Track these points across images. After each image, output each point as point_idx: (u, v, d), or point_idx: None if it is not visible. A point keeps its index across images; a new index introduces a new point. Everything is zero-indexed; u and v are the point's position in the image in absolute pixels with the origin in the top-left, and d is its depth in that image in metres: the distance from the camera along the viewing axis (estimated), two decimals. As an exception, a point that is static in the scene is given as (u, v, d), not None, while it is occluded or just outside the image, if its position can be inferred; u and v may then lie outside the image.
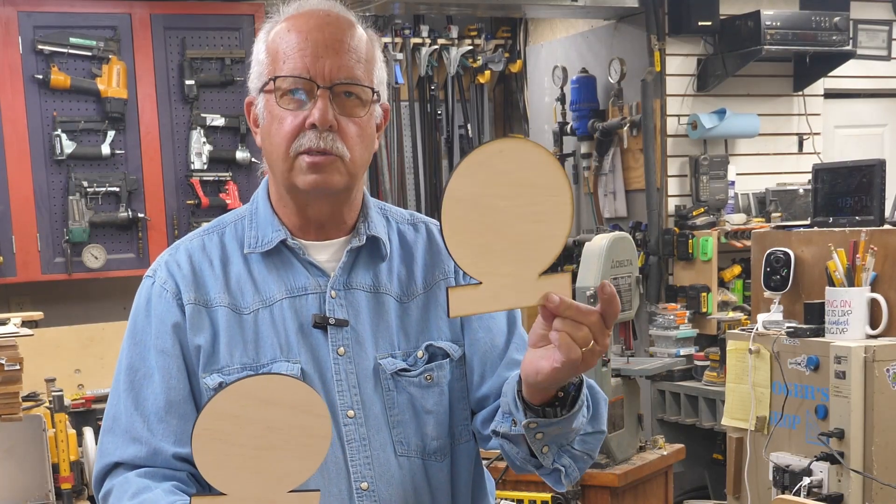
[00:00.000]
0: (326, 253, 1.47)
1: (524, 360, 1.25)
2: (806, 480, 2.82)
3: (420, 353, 1.46)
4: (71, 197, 4.41)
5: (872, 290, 2.90)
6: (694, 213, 4.96)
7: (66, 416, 2.93)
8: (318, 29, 1.38)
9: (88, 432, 3.12)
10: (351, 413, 1.41)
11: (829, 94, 5.44)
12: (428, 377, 1.45)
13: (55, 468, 2.86)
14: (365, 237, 1.47)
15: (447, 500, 1.49)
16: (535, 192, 1.09)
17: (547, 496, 3.01)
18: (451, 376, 1.48)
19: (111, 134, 4.48)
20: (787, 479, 2.90)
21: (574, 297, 1.16)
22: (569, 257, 5.26)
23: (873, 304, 2.89)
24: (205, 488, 1.41)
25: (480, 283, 1.11)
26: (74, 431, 2.97)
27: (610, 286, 1.17)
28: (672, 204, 5.11)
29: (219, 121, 4.61)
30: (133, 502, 1.34)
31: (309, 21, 1.39)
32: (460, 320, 1.49)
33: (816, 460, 2.82)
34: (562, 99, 5.58)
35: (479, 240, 1.08)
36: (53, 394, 2.96)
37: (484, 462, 1.58)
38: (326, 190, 1.40)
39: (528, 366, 1.24)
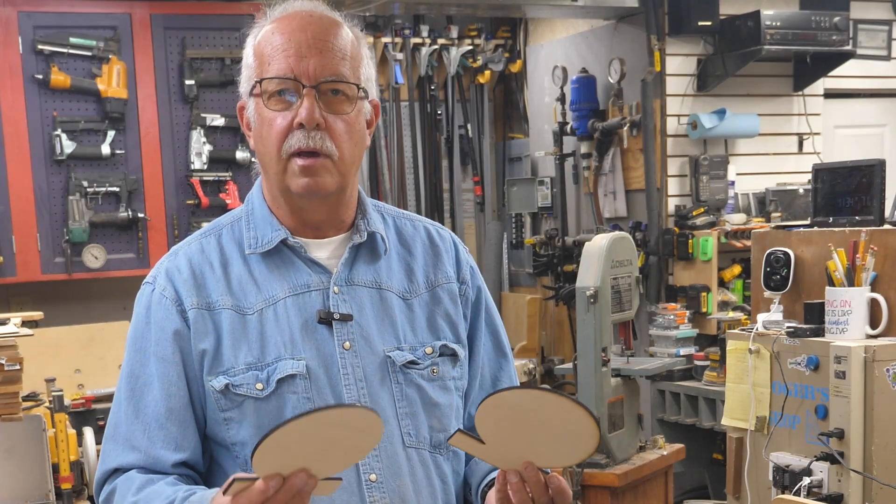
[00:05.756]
0: (326, 250, 1.48)
1: (489, 495, 1.42)
2: (806, 480, 2.82)
3: (429, 350, 1.48)
4: (71, 197, 4.41)
5: (872, 290, 2.90)
6: (694, 213, 4.96)
7: (66, 416, 2.93)
8: (300, 29, 1.40)
9: (88, 432, 3.12)
10: None
11: (829, 94, 5.44)
12: (434, 370, 1.48)
13: (55, 468, 2.86)
14: (366, 234, 1.48)
15: (453, 493, 1.52)
16: (569, 437, 1.26)
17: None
18: (455, 374, 1.52)
19: (111, 134, 4.48)
20: (787, 479, 2.90)
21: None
22: (569, 257, 5.28)
23: (873, 304, 2.89)
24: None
25: (484, 443, 1.27)
26: (74, 431, 2.97)
27: (557, 479, 1.32)
28: (672, 204, 5.11)
29: (219, 121, 4.61)
30: (139, 496, 1.36)
31: (292, 22, 1.41)
32: (465, 326, 1.56)
33: (816, 460, 2.82)
34: (562, 99, 5.58)
35: (501, 424, 1.25)
36: (53, 394, 2.96)
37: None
38: (319, 193, 1.41)
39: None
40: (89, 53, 4.42)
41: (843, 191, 3.13)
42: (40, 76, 4.35)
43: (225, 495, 1.19)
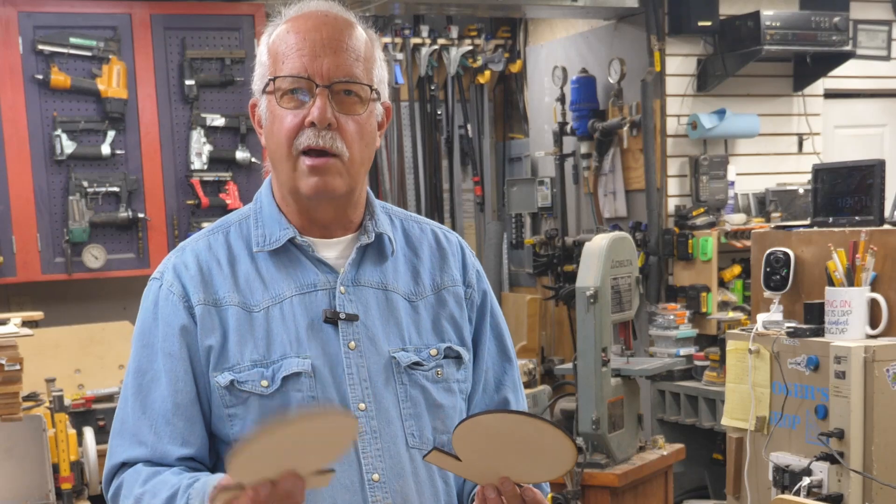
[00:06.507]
0: (335, 250, 1.49)
1: None
2: (806, 480, 2.82)
3: (433, 352, 1.49)
4: (71, 197, 4.41)
5: (872, 290, 2.90)
6: (694, 213, 4.96)
7: (66, 416, 2.94)
8: (315, 29, 1.40)
9: (88, 432, 3.12)
10: (362, 406, 1.43)
11: (829, 94, 5.44)
12: (438, 372, 1.49)
13: (55, 468, 2.86)
14: (374, 235, 1.49)
15: (454, 494, 1.52)
16: (547, 456, 1.27)
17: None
18: (459, 376, 1.52)
19: (111, 134, 4.48)
20: (787, 479, 2.90)
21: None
22: (569, 257, 5.27)
23: (873, 304, 2.89)
24: None
25: (461, 461, 1.29)
26: (74, 431, 2.97)
27: (532, 492, 1.32)
28: (672, 204, 5.11)
29: (219, 121, 4.61)
30: (146, 486, 1.37)
31: (307, 22, 1.41)
32: (469, 330, 1.56)
33: (816, 460, 2.82)
34: (562, 99, 5.58)
35: (478, 444, 1.26)
36: (53, 394, 2.96)
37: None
38: (328, 195, 1.42)
39: None
40: (89, 53, 4.43)
41: (843, 191, 3.13)
42: (40, 76, 4.35)
43: None
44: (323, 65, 1.38)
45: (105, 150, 4.46)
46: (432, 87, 6.06)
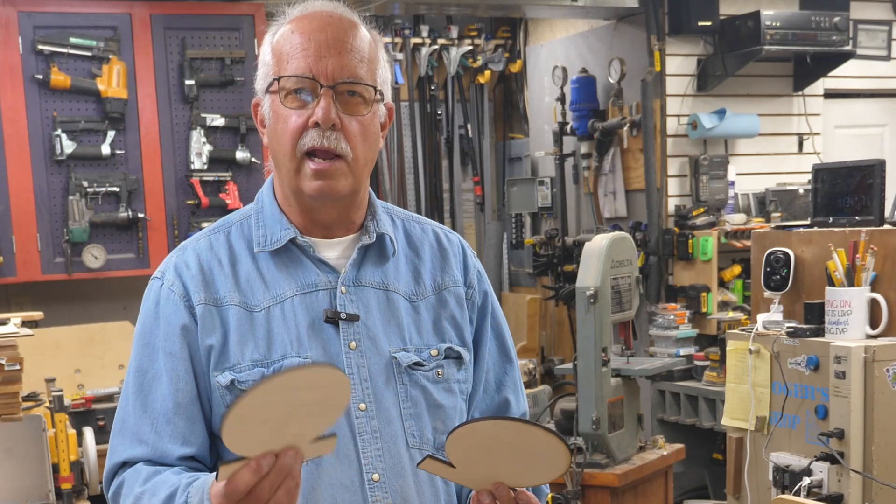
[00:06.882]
0: (336, 250, 1.49)
1: None
2: (806, 480, 2.82)
3: (434, 352, 1.49)
4: (71, 197, 4.41)
5: (872, 290, 2.90)
6: (694, 213, 4.96)
7: (66, 416, 2.94)
8: (320, 29, 1.40)
9: (88, 432, 3.12)
10: (363, 406, 1.43)
11: (829, 94, 5.44)
12: (439, 372, 1.49)
13: (55, 468, 2.86)
14: (375, 235, 1.49)
15: (454, 494, 1.53)
16: (540, 460, 1.27)
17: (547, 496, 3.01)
18: (459, 377, 1.53)
19: (111, 134, 4.48)
20: (787, 479, 2.90)
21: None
22: (569, 257, 5.27)
23: (873, 304, 2.89)
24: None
25: (454, 467, 1.29)
26: (74, 431, 2.97)
27: (526, 495, 1.32)
28: (672, 204, 5.11)
29: (219, 121, 4.61)
30: (146, 486, 1.37)
31: (312, 22, 1.41)
32: (470, 330, 1.55)
33: (816, 460, 2.82)
34: (562, 99, 5.59)
35: (473, 451, 1.27)
36: (53, 394, 2.96)
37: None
38: (332, 196, 1.42)
39: None
40: (89, 53, 4.42)
41: (843, 191, 3.13)
42: (40, 76, 4.35)
43: (217, 482, 1.20)
44: (327, 65, 1.38)
45: (105, 150, 4.46)
46: (432, 87, 6.06)
